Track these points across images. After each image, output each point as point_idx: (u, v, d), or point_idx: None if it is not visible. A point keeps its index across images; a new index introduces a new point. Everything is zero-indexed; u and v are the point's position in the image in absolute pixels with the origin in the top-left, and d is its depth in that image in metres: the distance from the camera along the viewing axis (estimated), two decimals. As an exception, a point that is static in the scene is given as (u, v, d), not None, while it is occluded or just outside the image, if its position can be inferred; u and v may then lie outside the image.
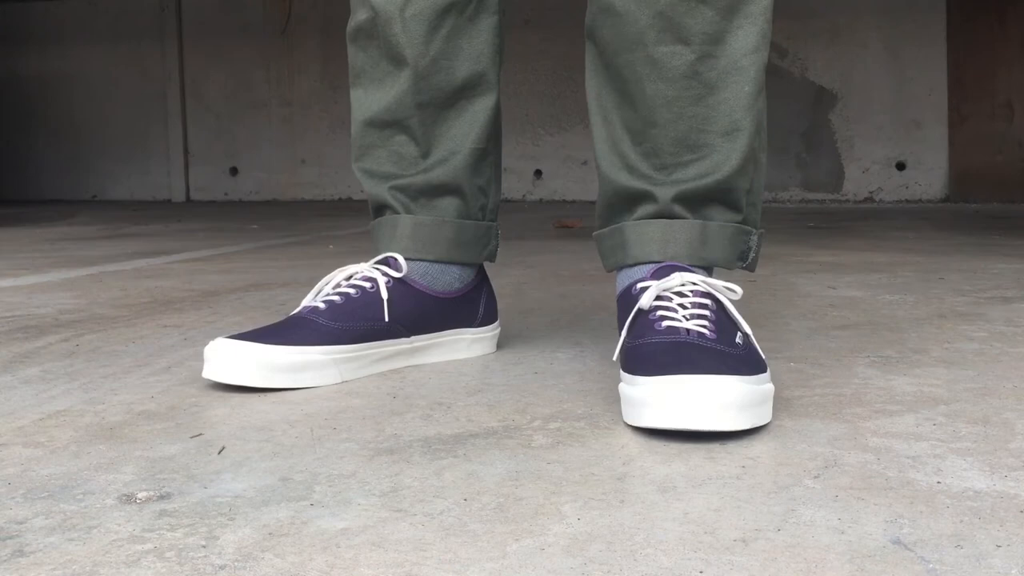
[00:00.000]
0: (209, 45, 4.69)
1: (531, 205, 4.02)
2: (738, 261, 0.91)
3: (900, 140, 3.88)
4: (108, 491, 0.62)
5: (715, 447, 0.69)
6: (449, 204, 1.01)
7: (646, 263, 0.88)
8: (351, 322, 0.93)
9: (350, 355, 0.93)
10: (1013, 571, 0.48)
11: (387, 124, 1.01)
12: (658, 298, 0.83)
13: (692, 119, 0.87)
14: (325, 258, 2.06)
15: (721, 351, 0.76)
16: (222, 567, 0.50)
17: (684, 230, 0.88)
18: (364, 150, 1.03)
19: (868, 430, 0.73)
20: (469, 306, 1.03)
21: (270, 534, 0.55)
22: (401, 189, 1.01)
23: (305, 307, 0.94)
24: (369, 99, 1.02)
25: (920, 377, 0.90)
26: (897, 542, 0.52)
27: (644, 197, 0.90)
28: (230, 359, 0.87)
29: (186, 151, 4.73)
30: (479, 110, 1.01)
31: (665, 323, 0.80)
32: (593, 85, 0.94)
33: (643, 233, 0.89)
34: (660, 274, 0.86)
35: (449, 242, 1.01)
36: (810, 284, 1.54)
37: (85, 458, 0.69)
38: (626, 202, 0.92)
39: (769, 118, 0.88)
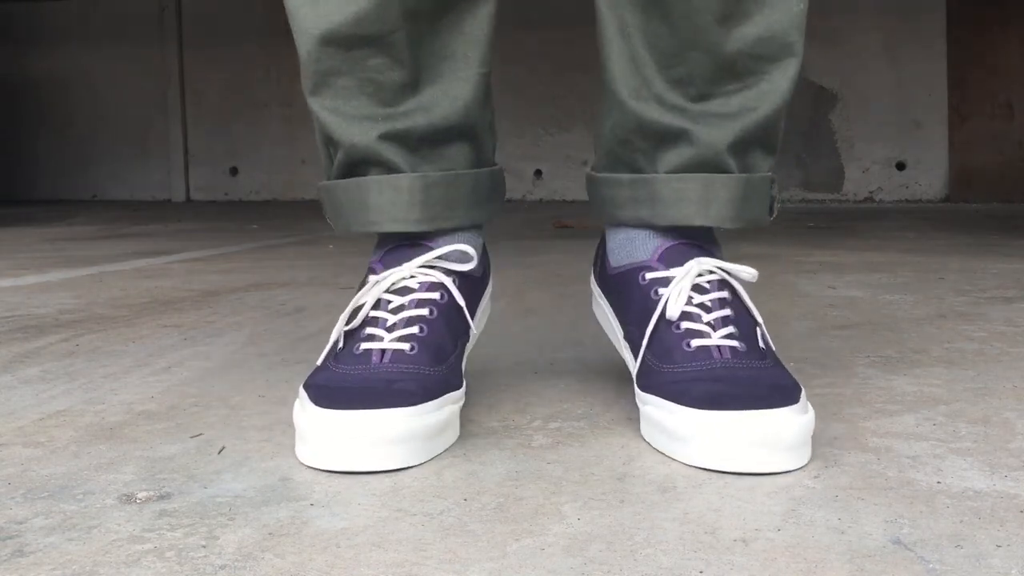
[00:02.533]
0: (209, 45, 4.69)
1: (531, 205, 4.02)
2: (768, 215, 0.80)
3: (900, 140, 3.88)
4: (108, 491, 0.62)
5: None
6: (459, 152, 0.79)
7: (680, 227, 0.77)
8: (451, 351, 0.74)
9: (464, 392, 0.75)
10: (1013, 571, 0.48)
11: (358, 42, 0.75)
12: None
13: (741, 40, 0.74)
14: (325, 258, 2.06)
15: (756, 375, 0.68)
16: (222, 567, 0.50)
17: (727, 187, 0.76)
18: (323, 78, 0.77)
19: (868, 430, 0.73)
20: (485, 275, 0.85)
21: (270, 534, 0.55)
22: (396, 137, 0.77)
23: (384, 351, 0.71)
24: (325, 5, 0.75)
25: (920, 377, 0.90)
26: (897, 542, 0.52)
27: (679, 137, 0.76)
28: (352, 437, 0.64)
29: (186, 151, 4.73)
30: (480, 20, 0.78)
31: (695, 342, 0.71)
32: None
33: (681, 190, 0.76)
34: (671, 259, 0.76)
35: (467, 202, 0.80)
36: (810, 284, 1.54)
37: (85, 458, 0.69)
38: (651, 140, 0.77)
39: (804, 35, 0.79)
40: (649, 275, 0.76)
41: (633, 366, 0.77)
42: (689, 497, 0.60)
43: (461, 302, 0.76)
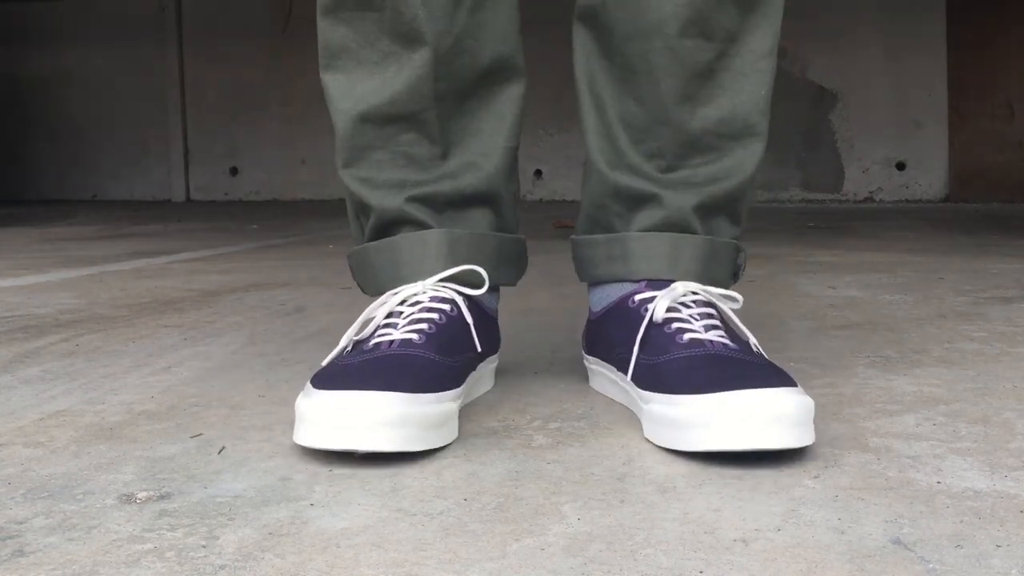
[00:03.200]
0: (209, 45, 4.69)
1: (531, 205, 4.02)
2: (731, 279, 0.85)
3: (900, 140, 3.88)
4: (108, 491, 0.62)
5: (715, 447, 0.69)
6: (482, 216, 0.85)
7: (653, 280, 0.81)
8: (455, 355, 0.76)
9: (464, 399, 0.77)
10: (1013, 571, 0.48)
11: (393, 119, 0.82)
12: (668, 309, 0.77)
13: (706, 120, 0.81)
14: (325, 258, 2.06)
15: (752, 362, 0.70)
16: (222, 567, 0.50)
17: (694, 247, 0.81)
18: (359, 152, 0.84)
19: (868, 430, 0.73)
20: (494, 339, 0.88)
21: (270, 534, 0.55)
22: (423, 200, 0.83)
23: (393, 341, 0.74)
24: (362, 87, 0.82)
25: (920, 377, 0.90)
26: (897, 542, 0.52)
27: (649, 200, 0.82)
28: (353, 417, 0.64)
29: (186, 151, 4.73)
30: (508, 100, 0.85)
31: (687, 335, 0.74)
32: (585, 71, 0.85)
33: (651, 247, 0.81)
34: (657, 284, 0.80)
35: (490, 262, 0.84)
36: (810, 284, 1.54)
37: (85, 458, 0.69)
38: (625, 204, 0.83)
39: (769, 117, 0.86)
40: (638, 296, 0.80)
41: (627, 382, 0.78)
42: (689, 497, 0.59)
43: (469, 320, 0.78)
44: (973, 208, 3.48)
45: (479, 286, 0.81)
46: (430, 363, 0.72)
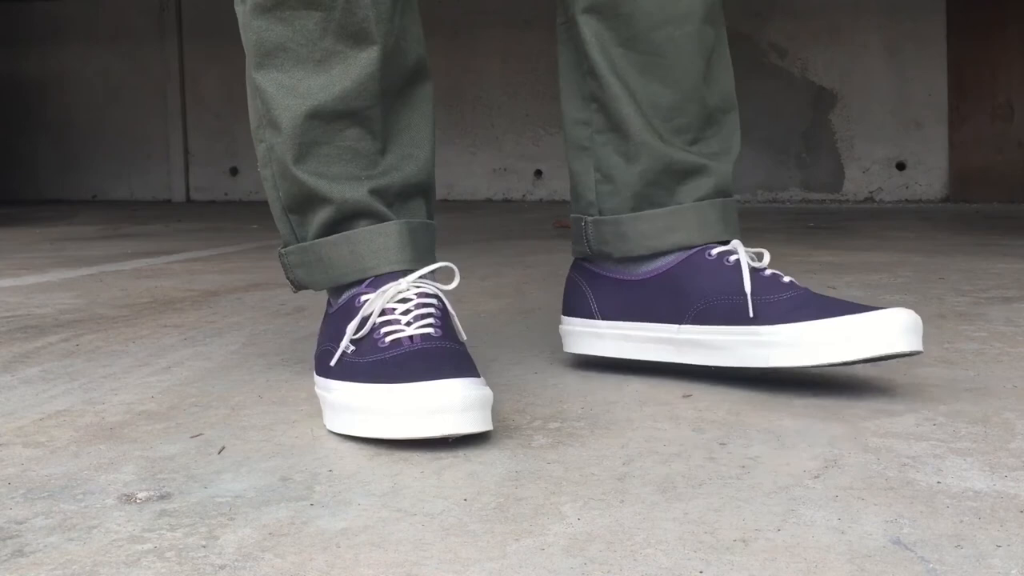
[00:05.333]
0: (209, 45, 4.69)
1: (531, 205, 4.02)
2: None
3: (900, 140, 3.88)
4: (108, 491, 0.62)
5: (715, 447, 0.69)
6: (418, 206, 0.90)
7: (710, 244, 0.90)
8: (462, 343, 0.80)
9: None
10: (1013, 571, 0.48)
11: (340, 115, 0.85)
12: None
13: (717, 96, 0.93)
14: (325, 258, 2.06)
15: (845, 300, 0.84)
16: (222, 567, 0.50)
17: (731, 209, 0.93)
18: (307, 148, 0.85)
19: (868, 430, 0.73)
20: None
21: (270, 534, 0.55)
22: (381, 192, 0.86)
23: (412, 337, 0.77)
24: (306, 84, 0.84)
25: (920, 377, 0.90)
26: (897, 542, 0.52)
27: (699, 171, 0.92)
28: (443, 404, 0.69)
29: (186, 151, 4.73)
30: (427, 97, 0.91)
31: (785, 278, 0.87)
32: (605, 59, 0.91)
33: (707, 214, 0.91)
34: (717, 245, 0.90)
35: (433, 247, 0.90)
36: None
37: (85, 458, 0.69)
38: (676, 177, 0.92)
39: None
40: (715, 250, 0.89)
41: (687, 331, 0.88)
42: (689, 497, 0.60)
43: (451, 311, 0.81)
44: (973, 208, 3.48)
45: (447, 281, 0.84)
46: (461, 351, 0.77)
